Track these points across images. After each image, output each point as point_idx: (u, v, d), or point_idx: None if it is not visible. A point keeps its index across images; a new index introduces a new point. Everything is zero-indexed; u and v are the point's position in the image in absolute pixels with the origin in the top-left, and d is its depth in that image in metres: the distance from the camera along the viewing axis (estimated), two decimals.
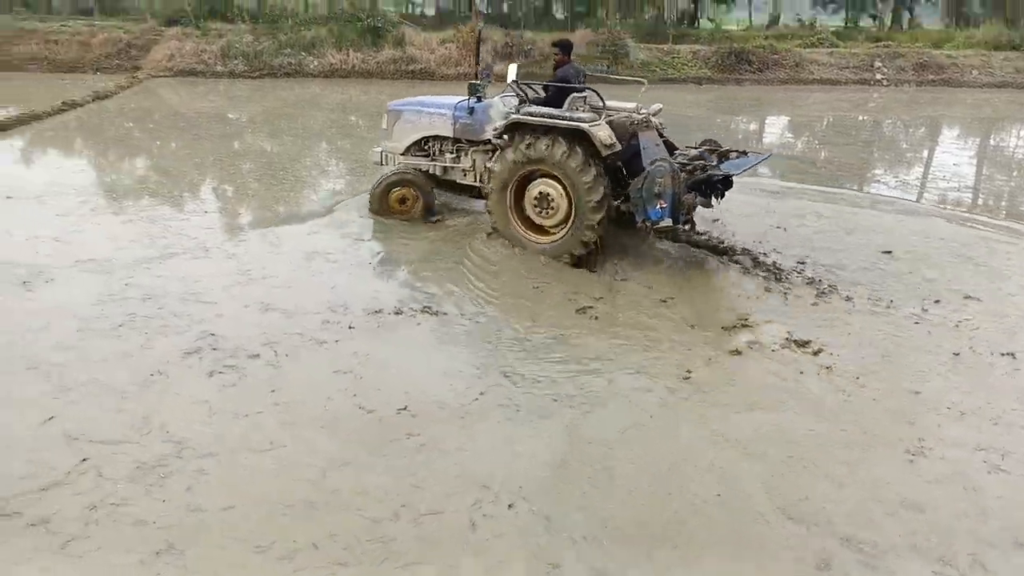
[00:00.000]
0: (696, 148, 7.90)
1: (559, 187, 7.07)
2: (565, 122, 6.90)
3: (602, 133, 6.83)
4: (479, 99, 7.99)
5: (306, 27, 26.99)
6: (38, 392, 4.61)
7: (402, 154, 8.49)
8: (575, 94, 7.44)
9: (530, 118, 7.07)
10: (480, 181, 8.10)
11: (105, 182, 10.44)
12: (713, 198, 7.42)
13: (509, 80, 7.60)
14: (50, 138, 13.67)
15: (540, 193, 7.19)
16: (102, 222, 8.19)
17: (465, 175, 8.30)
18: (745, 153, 7.93)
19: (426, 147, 8.45)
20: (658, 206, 6.55)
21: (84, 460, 3.98)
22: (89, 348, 5.18)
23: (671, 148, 7.60)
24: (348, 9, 27.35)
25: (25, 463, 3.94)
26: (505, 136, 7.32)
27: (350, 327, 5.66)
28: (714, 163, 7.43)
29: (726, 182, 7.35)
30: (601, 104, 7.58)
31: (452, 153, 8.30)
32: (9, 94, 19.01)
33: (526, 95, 7.80)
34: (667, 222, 6.65)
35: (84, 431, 4.24)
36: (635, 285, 6.80)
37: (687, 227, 7.88)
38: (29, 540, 3.42)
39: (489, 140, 7.84)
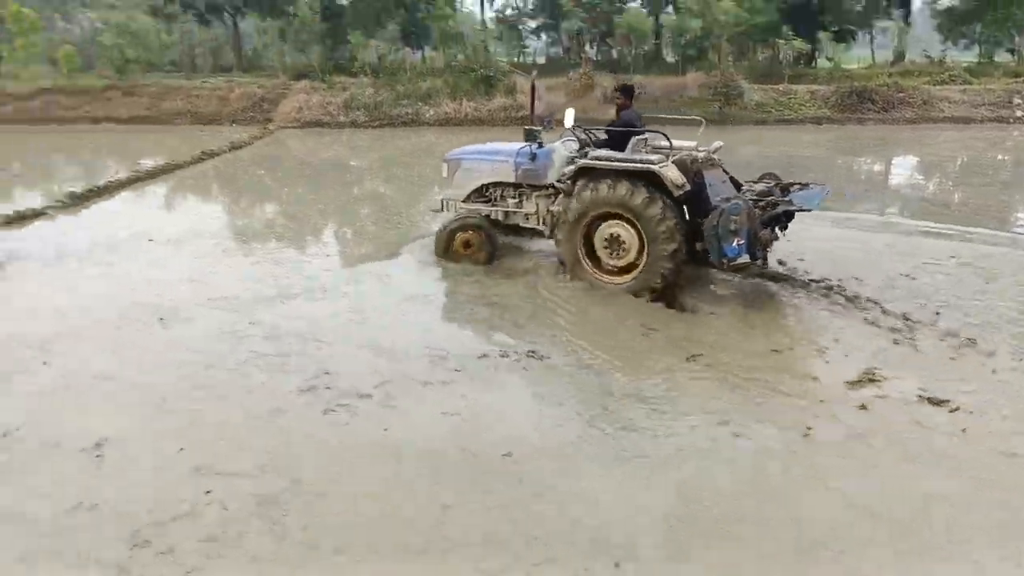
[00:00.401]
0: (761, 183, 7.91)
1: (630, 228, 7.15)
2: (635, 165, 7.01)
3: (673, 174, 6.92)
4: (540, 145, 8.14)
5: (423, 78, 28.25)
6: (170, 425, 4.91)
7: (463, 201, 8.68)
8: (636, 136, 7.51)
9: (599, 162, 7.20)
10: (544, 224, 8.23)
11: (237, 226, 11.19)
12: (777, 231, 7.38)
13: (567, 125, 7.73)
14: (190, 185, 14.86)
15: (611, 235, 7.27)
16: (232, 263, 8.75)
17: (528, 219, 8.40)
18: (807, 185, 7.90)
19: (487, 193, 8.63)
20: (735, 243, 6.62)
21: (208, 492, 4.16)
22: (216, 384, 5.48)
23: (736, 185, 7.68)
24: (463, 61, 28.46)
25: (156, 492, 4.17)
26: (570, 181, 7.48)
27: (456, 370, 5.70)
28: (784, 198, 7.41)
29: (788, 214, 7.35)
30: (668, 145, 7.62)
31: (514, 198, 8.45)
32: (156, 145, 20.86)
33: (590, 139, 7.96)
34: (744, 259, 6.74)
35: (209, 464, 4.45)
36: (747, 331, 6.52)
37: (762, 263, 7.74)
38: (156, 569, 3.59)
39: (552, 185, 8.00)
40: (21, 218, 10.93)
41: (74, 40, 36.11)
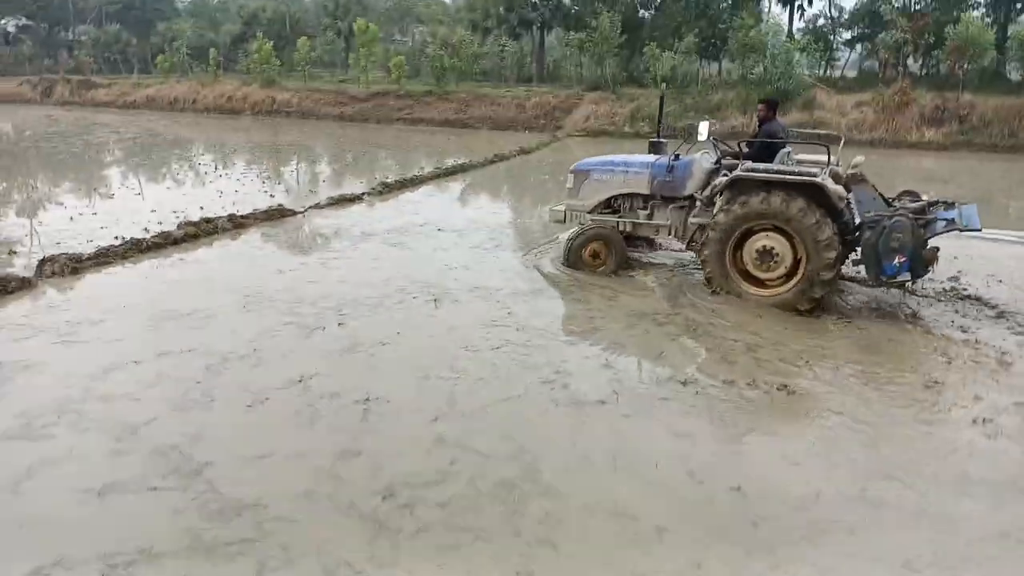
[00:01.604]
0: (912, 201, 7.59)
1: (785, 241, 6.94)
2: (797, 177, 6.79)
3: (836, 187, 6.86)
4: (677, 156, 7.96)
5: (714, 91, 27.63)
6: (428, 395, 5.41)
7: (589, 212, 8.53)
8: (782, 150, 7.23)
9: (755, 175, 6.97)
10: (676, 236, 8.10)
11: (513, 223, 11.99)
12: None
13: (702, 138, 7.54)
14: (479, 183, 16.25)
15: (763, 247, 6.99)
16: (500, 257, 9.42)
17: (658, 231, 8.29)
18: (951, 204, 7.51)
19: (614, 204, 8.47)
20: (896, 260, 6.50)
21: (452, 463, 4.47)
22: (470, 366, 5.92)
23: (886, 202, 7.41)
24: (760, 74, 27.26)
25: (408, 452, 4.61)
26: (719, 193, 7.32)
27: (696, 393, 5.50)
28: (946, 215, 7.06)
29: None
30: (827, 160, 7.28)
31: (644, 209, 8.27)
32: (458, 147, 23.06)
33: (739, 151, 7.70)
34: (904, 276, 6.67)
35: (457, 437, 4.79)
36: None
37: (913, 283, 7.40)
38: (397, 521, 3.93)
39: (690, 196, 7.76)
40: (346, 200, 12.93)
41: (406, 51, 41.15)
